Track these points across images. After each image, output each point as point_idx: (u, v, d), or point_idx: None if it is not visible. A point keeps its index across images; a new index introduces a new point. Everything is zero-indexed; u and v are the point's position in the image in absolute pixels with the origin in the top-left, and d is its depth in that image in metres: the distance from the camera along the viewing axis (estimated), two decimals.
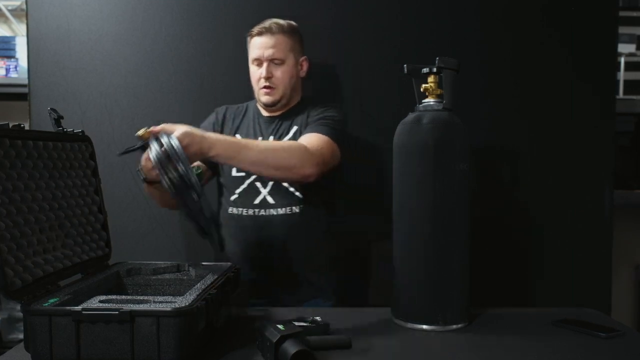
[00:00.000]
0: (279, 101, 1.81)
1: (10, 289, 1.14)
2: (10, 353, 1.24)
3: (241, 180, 1.80)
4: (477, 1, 2.08)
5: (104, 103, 2.09)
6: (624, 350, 1.31)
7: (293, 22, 1.83)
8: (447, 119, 1.45)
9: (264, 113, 1.87)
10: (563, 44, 2.07)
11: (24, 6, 2.21)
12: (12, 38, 2.94)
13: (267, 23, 1.79)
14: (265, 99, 1.81)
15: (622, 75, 2.69)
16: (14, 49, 2.91)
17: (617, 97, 2.41)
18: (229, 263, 1.53)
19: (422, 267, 1.44)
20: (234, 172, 1.80)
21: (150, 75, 2.08)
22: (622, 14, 2.20)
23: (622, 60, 2.69)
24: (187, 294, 1.22)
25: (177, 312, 1.10)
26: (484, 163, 2.04)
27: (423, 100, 1.51)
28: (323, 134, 1.70)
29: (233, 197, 1.80)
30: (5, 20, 3.02)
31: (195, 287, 1.28)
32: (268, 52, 1.77)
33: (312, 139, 1.66)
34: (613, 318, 1.66)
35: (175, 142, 1.32)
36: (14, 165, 1.24)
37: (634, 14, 2.74)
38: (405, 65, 1.53)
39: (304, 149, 1.59)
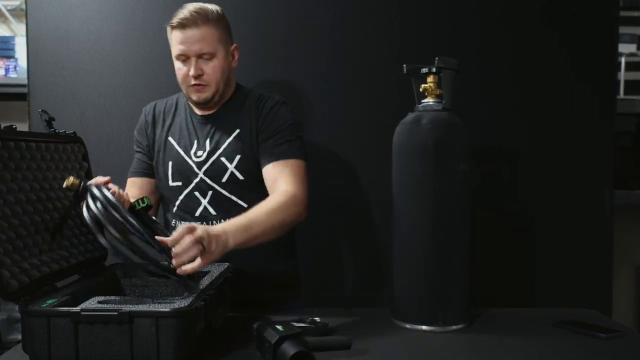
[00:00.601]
0: (211, 99, 1.63)
1: (7, 291, 1.14)
2: (9, 354, 1.23)
3: (179, 190, 1.66)
4: (477, 1, 2.07)
5: (103, 103, 2.09)
6: (625, 351, 1.31)
7: (216, 7, 1.62)
8: (446, 119, 1.44)
9: (197, 111, 1.69)
10: (563, 44, 2.07)
11: (23, 6, 2.21)
12: (12, 38, 2.94)
13: (189, 12, 1.56)
14: (196, 96, 1.63)
15: (622, 75, 2.69)
16: (13, 49, 2.91)
17: (618, 97, 2.40)
18: (226, 264, 1.51)
19: (422, 267, 1.44)
20: (171, 182, 1.67)
21: (150, 75, 2.08)
22: (622, 13, 2.20)
23: (623, 60, 2.69)
24: (186, 294, 1.22)
25: (176, 313, 1.10)
26: (483, 163, 2.04)
27: (422, 101, 1.51)
28: (298, 158, 1.61)
29: (174, 209, 1.69)
30: (5, 20, 3.01)
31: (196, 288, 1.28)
32: (195, 48, 1.57)
33: (293, 174, 1.57)
34: (613, 319, 1.66)
35: (109, 196, 1.22)
36: (7, 167, 1.24)
37: (635, 13, 2.74)
38: (404, 65, 1.53)
39: (294, 196, 1.53)
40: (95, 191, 1.23)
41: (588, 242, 2.10)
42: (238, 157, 1.62)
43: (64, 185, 1.30)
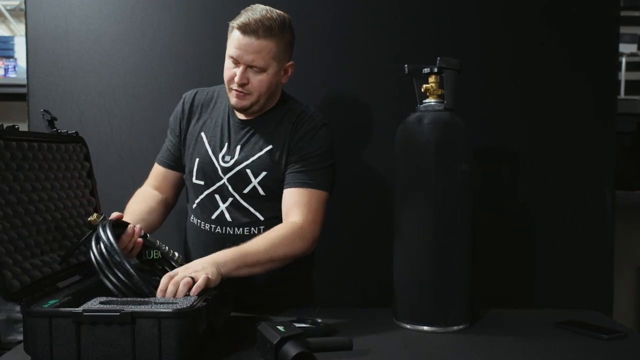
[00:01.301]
0: (249, 108, 1.58)
1: (10, 291, 1.13)
2: (10, 355, 1.23)
3: (201, 188, 1.65)
4: (477, 1, 2.07)
5: (103, 103, 2.08)
6: (626, 352, 1.31)
7: (286, 17, 1.56)
8: (448, 119, 1.44)
9: (237, 113, 1.65)
10: (563, 44, 2.07)
11: (23, 6, 2.21)
12: (11, 38, 2.94)
13: (254, 20, 1.49)
14: (234, 101, 1.58)
15: (623, 75, 2.69)
16: (12, 49, 2.91)
17: (619, 97, 2.40)
18: None
19: (423, 268, 1.44)
20: (195, 179, 1.65)
21: (149, 75, 2.07)
22: (623, 13, 2.20)
23: (624, 60, 2.69)
24: (188, 295, 1.22)
25: (179, 314, 1.10)
26: (484, 163, 2.04)
27: (424, 101, 1.51)
28: (320, 188, 1.57)
29: (194, 206, 1.68)
30: (4, 20, 3.01)
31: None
32: (248, 57, 1.51)
33: (309, 205, 1.54)
34: (615, 320, 1.66)
35: (112, 241, 1.27)
36: (9, 167, 1.23)
37: (635, 13, 2.74)
38: (406, 66, 1.53)
39: (301, 230, 1.51)
40: (101, 233, 1.28)
41: (589, 243, 2.10)
42: (264, 173, 1.59)
43: (88, 220, 1.35)
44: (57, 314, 1.10)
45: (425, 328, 1.43)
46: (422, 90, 1.51)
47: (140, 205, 1.63)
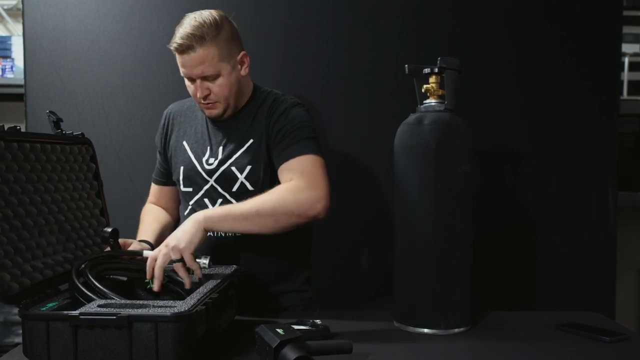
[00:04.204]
0: (223, 113, 1.59)
1: (8, 293, 1.12)
2: (7, 357, 1.22)
3: (190, 195, 1.65)
4: (479, 1, 2.06)
5: (101, 104, 2.07)
6: (629, 355, 1.29)
7: (216, 15, 1.53)
8: (449, 120, 1.43)
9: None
10: (566, 43, 2.06)
11: (20, 5, 2.19)
12: (8, 38, 2.94)
13: (186, 35, 1.48)
14: (207, 113, 1.61)
15: (626, 75, 2.68)
16: (9, 49, 2.90)
17: (621, 97, 2.39)
18: (234, 266, 1.50)
19: (424, 269, 1.43)
20: (182, 187, 1.66)
21: (148, 75, 2.07)
22: (626, 13, 2.18)
23: (627, 60, 2.68)
24: (188, 298, 1.20)
25: (176, 317, 1.08)
26: (485, 165, 2.03)
27: (424, 101, 1.50)
28: (310, 153, 1.52)
29: (186, 212, 1.66)
30: (1, 19, 3.00)
31: (197, 291, 1.26)
32: (197, 71, 1.51)
33: (301, 169, 1.50)
34: (617, 322, 1.65)
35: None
36: (10, 168, 1.22)
37: (638, 13, 2.72)
38: (406, 66, 1.52)
39: (293, 184, 1.47)
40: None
41: (591, 244, 2.09)
42: (249, 167, 1.59)
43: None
44: (54, 317, 1.09)
45: (426, 330, 1.42)
46: (423, 90, 1.50)
47: (154, 224, 1.69)
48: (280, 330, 1.16)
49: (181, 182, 1.67)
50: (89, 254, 1.42)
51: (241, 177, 1.59)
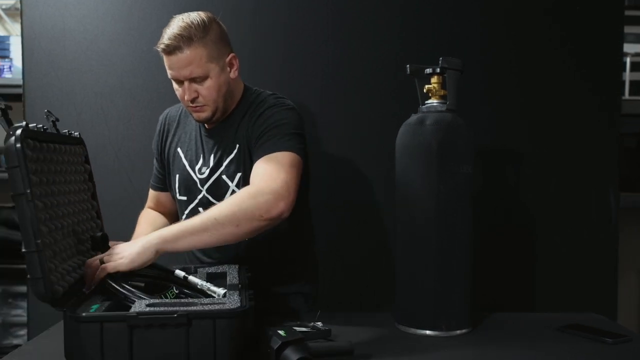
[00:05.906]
0: (212, 117, 1.55)
1: (55, 297, 1.10)
2: (6, 359, 1.21)
3: (184, 204, 1.63)
4: (480, 1, 2.06)
5: (100, 104, 2.06)
6: (631, 356, 1.29)
7: (204, 16, 1.50)
8: (450, 120, 1.43)
9: (205, 124, 1.63)
10: (567, 43, 2.05)
11: (18, 5, 2.18)
12: (6, 38, 2.93)
13: (173, 36, 1.46)
14: (196, 116, 1.56)
15: (627, 75, 2.68)
16: (8, 49, 2.90)
17: (623, 97, 2.39)
18: (236, 265, 1.50)
19: (425, 271, 1.42)
20: (178, 195, 1.65)
21: (147, 75, 2.06)
22: (627, 13, 2.18)
23: (628, 60, 2.68)
24: (227, 294, 1.22)
25: (232, 313, 1.09)
26: (486, 165, 2.02)
27: (426, 101, 1.49)
28: (283, 150, 1.46)
29: (182, 219, 1.65)
30: None
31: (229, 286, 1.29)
32: (185, 72, 1.48)
33: (267, 168, 1.43)
34: (619, 323, 1.65)
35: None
36: (41, 170, 1.19)
37: None
38: (408, 66, 1.51)
39: (251, 188, 1.40)
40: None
41: (593, 245, 2.08)
42: (239, 175, 1.56)
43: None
44: (110, 319, 1.08)
45: (427, 332, 1.41)
46: (424, 90, 1.49)
47: (149, 229, 1.63)
48: (282, 332, 1.16)
49: (177, 189, 1.65)
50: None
51: (232, 186, 1.57)
